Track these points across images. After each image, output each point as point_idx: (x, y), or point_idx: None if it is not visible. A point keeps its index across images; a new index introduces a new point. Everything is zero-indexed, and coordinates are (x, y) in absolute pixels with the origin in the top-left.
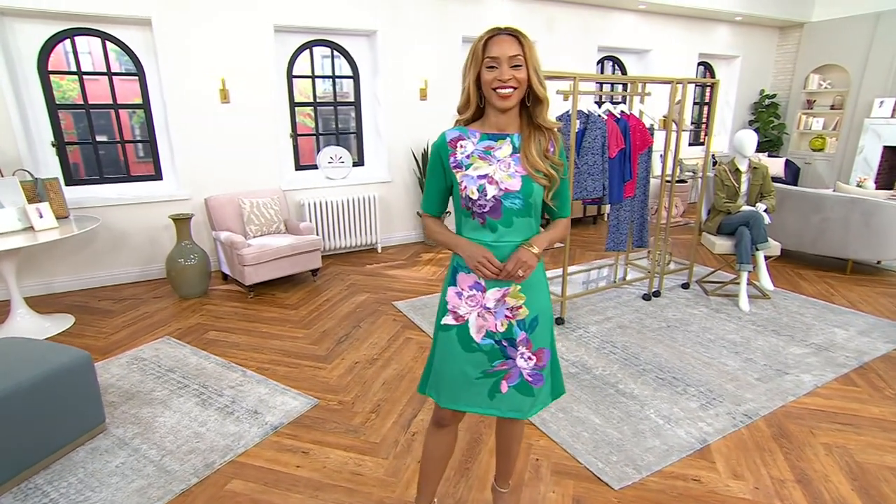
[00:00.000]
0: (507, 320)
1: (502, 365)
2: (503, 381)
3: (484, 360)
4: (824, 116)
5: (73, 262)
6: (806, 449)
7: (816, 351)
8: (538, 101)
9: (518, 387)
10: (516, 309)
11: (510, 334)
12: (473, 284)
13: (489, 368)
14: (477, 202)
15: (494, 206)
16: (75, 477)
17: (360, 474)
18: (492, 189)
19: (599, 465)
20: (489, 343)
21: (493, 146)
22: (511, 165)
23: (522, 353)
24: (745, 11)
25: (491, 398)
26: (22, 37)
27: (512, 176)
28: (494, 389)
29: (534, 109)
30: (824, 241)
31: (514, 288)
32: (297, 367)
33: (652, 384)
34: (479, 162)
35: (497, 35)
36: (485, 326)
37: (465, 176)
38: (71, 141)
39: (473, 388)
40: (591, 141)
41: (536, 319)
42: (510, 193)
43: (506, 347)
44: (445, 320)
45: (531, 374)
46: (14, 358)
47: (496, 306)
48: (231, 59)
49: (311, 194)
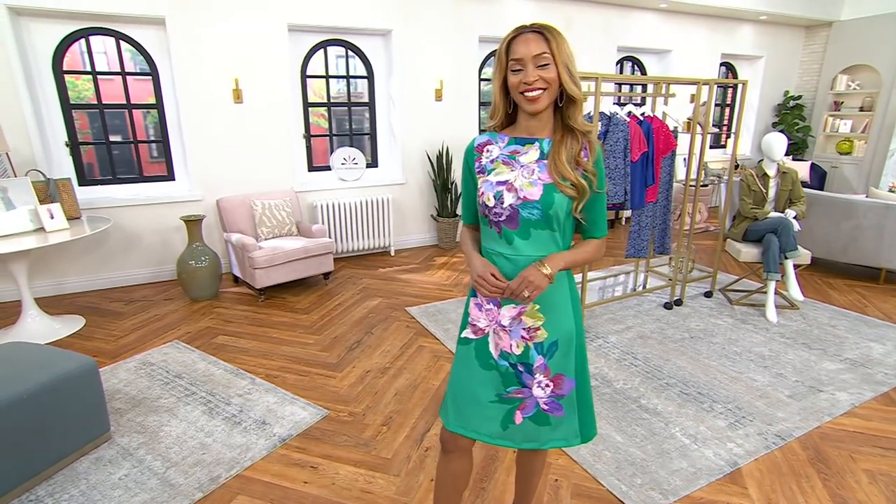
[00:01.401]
0: (523, 342)
1: (517, 392)
2: (518, 412)
3: (499, 381)
4: (852, 118)
5: (84, 262)
6: (846, 475)
7: (852, 367)
8: (571, 100)
9: (533, 417)
10: (534, 330)
11: (527, 358)
12: (490, 298)
13: (504, 393)
14: (493, 210)
15: (511, 215)
16: (77, 489)
17: (370, 492)
18: (509, 197)
19: (623, 487)
20: (504, 364)
21: (518, 150)
22: (535, 172)
23: (539, 382)
24: (771, 10)
25: (504, 428)
26: (37, 36)
27: (533, 184)
28: (508, 419)
29: (566, 110)
30: (856, 248)
31: (532, 307)
32: (307, 375)
33: (676, 399)
34: (501, 167)
35: (521, 34)
36: (500, 345)
37: (485, 182)
38: (85, 141)
39: (486, 413)
40: (613, 144)
41: (556, 345)
42: (528, 203)
43: (521, 373)
44: (465, 333)
45: (548, 402)
46: (18, 364)
47: (511, 324)
48: (245, 58)
49: (324, 196)
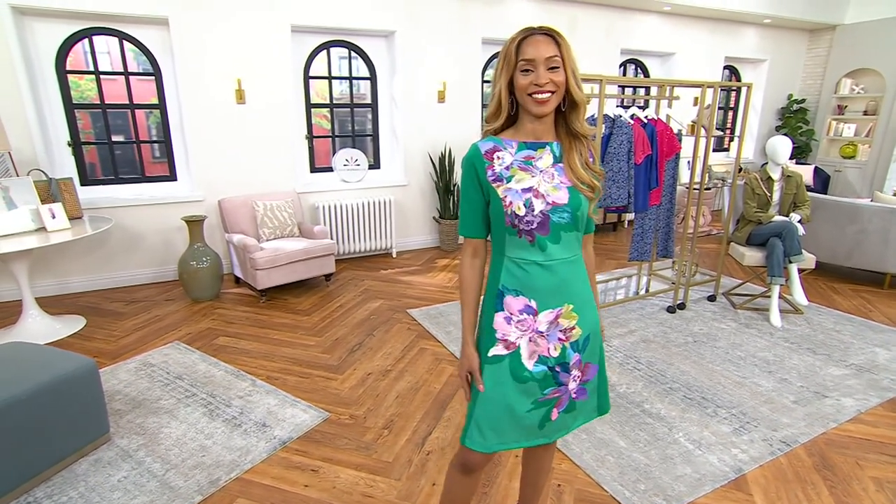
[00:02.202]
0: (560, 343)
1: (554, 392)
2: (554, 409)
3: (535, 388)
4: (856, 122)
5: (86, 262)
6: (853, 483)
7: (857, 372)
8: (575, 105)
9: (566, 409)
10: (570, 330)
11: (564, 358)
12: (524, 308)
13: (540, 397)
14: (524, 219)
15: (542, 221)
16: (76, 491)
17: (371, 496)
18: (539, 203)
19: (626, 493)
20: (542, 370)
21: (532, 156)
22: (555, 176)
23: (575, 377)
24: (775, 14)
25: (541, 427)
26: (41, 36)
27: (558, 188)
28: (546, 419)
29: (570, 115)
30: (861, 253)
31: (567, 307)
32: (308, 378)
33: (680, 404)
34: (520, 174)
35: (532, 35)
36: (537, 352)
37: (509, 190)
38: (87, 141)
39: (522, 423)
40: (617, 146)
41: (588, 339)
42: (558, 207)
43: (559, 373)
44: (494, 351)
45: (577, 390)
46: (17, 364)
47: (549, 329)
48: (247, 59)
49: (326, 197)
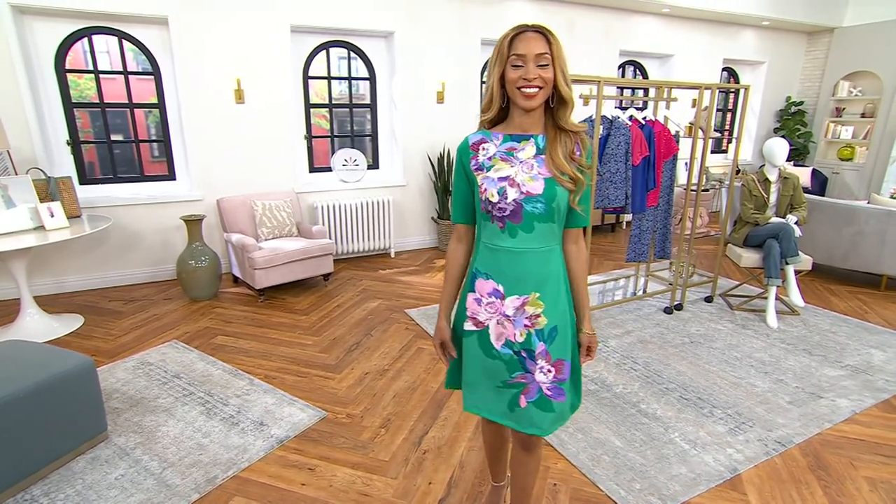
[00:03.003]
0: (525, 329)
1: (521, 377)
2: (522, 396)
3: (503, 368)
4: (854, 125)
5: (84, 261)
6: (847, 483)
7: (853, 373)
8: (563, 102)
9: (537, 402)
10: (535, 317)
11: (529, 345)
12: (492, 291)
13: (508, 379)
14: (497, 205)
15: (515, 209)
16: (73, 489)
17: (367, 495)
18: (512, 192)
19: (622, 492)
20: (508, 353)
21: (515, 147)
22: (534, 167)
23: (542, 367)
24: (773, 16)
25: (511, 410)
26: (40, 35)
27: (534, 178)
28: (514, 402)
29: (557, 111)
30: (857, 255)
31: (534, 295)
32: (306, 377)
33: (676, 405)
34: (500, 164)
35: (524, 32)
36: (504, 334)
37: (486, 178)
38: (86, 140)
39: (495, 396)
40: (615, 147)
41: (556, 329)
42: (532, 197)
43: (525, 359)
44: (466, 326)
45: (550, 387)
46: (15, 363)
47: (515, 314)
48: (247, 59)
49: (325, 197)
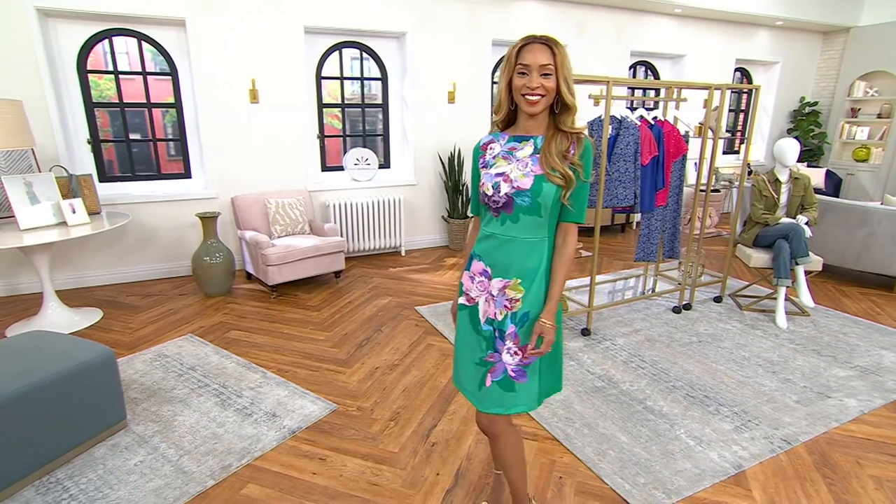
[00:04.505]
0: (504, 310)
1: (491, 356)
2: (489, 375)
3: (483, 345)
4: (870, 125)
5: (103, 257)
6: (852, 481)
7: (862, 374)
8: (566, 108)
9: (501, 382)
10: (514, 301)
11: (503, 325)
12: (482, 271)
13: (484, 356)
14: (492, 198)
15: (507, 202)
16: (95, 473)
17: (376, 484)
18: (505, 186)
19: (626, 486)
20: (489, 329)
21: (516, 147)
22: (528, 165)
23: (509, 348)
24: (788, 16)
25: (478, 389)
26: (64, 37)
27: (526, 175)
28: (482, 381)
29: (560, 116)
30: (870, 256)
31: (515, 281)
32: (318, 371)
33: (682, 402)
34: (501, 161)
35: (531, 43)
36: (487, 312)
37: (487, 174)
38: (106, 139)
39: (472, 372)
40: (624, 147)
41: (527, 315)
42: (521, 191)
43: (496, 339)
44: (461, 301)
45: (515, 369)
46: (40, 352)
47: (498, 295)
48: (261, 59)
49: (337, 196)
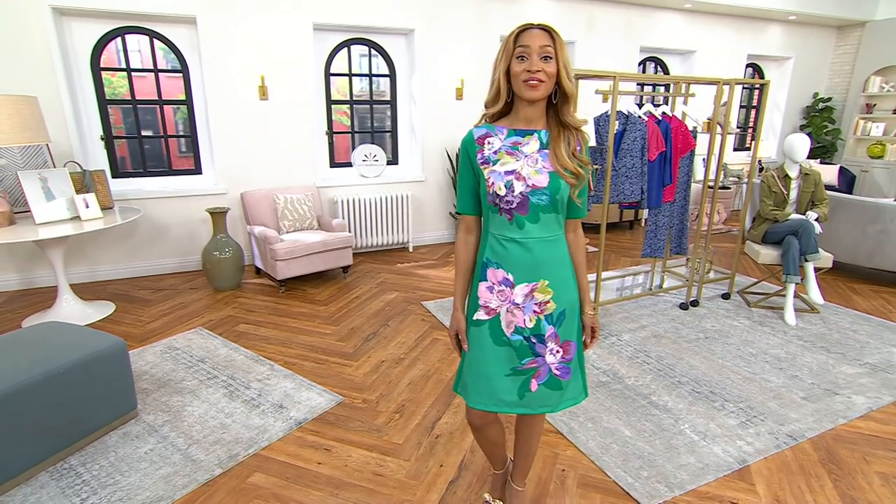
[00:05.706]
0: (535, 315)
1: (532, 363)
2: (533, 380)
3: (513, 355)
4: (885, 121)
5: (116, 251)
6: (858, 477)
7: (871, 371)
8: (566, 97)
9: (547, 383)
10: (544, 304)
11: (538, 330)
12: (502, 280)
13: (518, 365)
14: (504, 198)
15: (522, 202)
16: (107, 460)
17: (381, 475)
18: (519, 185)
19: (629, 479)
20: (518, 339)
21: (519, 142)
22: (538, 161)
23: (552, 349)
24: (801, 10)
25: (521, 397)
26: (77, 35)
27: (539, 172)
28: (524, 388)
29: (561, 107)
30: (882, 253)
31: (543, 283)
32: (324, 364)
33: (687, 397)
34: (506, 158)
35: (529, 29)
36: (513, 322)
37: (493, 172)
38: (119, 135)
39: (503, 386)
40: (630, 142)
41: (564, 314)
42: (537, 190)
43: (535, 344)
44: (477, 315)
45: (559, 367)
46: (55, 342)
47: (524, 301)
48: (270, 56)
49: (345, 192)
